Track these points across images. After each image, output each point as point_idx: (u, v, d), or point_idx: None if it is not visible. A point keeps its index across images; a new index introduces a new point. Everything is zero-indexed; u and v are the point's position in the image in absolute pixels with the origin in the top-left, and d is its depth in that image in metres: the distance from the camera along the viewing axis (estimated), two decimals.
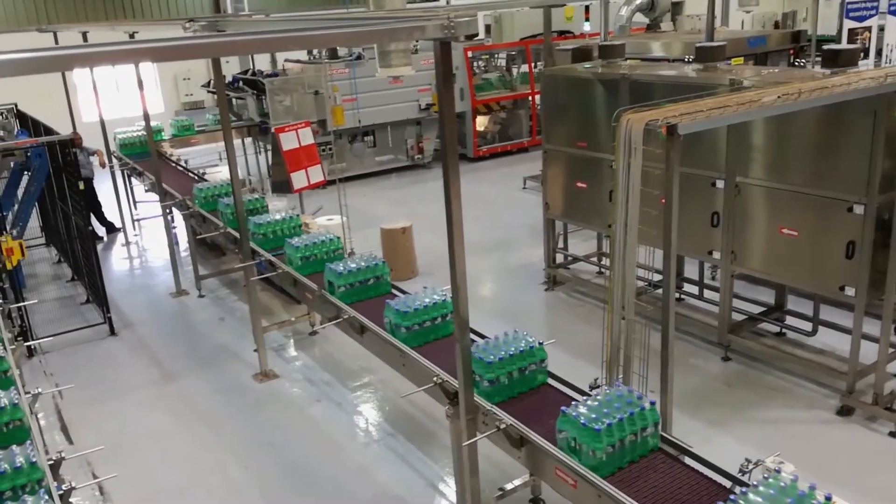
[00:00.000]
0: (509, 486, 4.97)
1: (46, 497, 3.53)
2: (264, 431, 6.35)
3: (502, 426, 4.14)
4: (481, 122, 15.85)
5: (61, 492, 3.74)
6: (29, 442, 3.87)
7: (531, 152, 15.57)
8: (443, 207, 3.91)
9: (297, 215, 7.55)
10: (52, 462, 3.97)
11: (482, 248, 9.92)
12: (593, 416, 3.75)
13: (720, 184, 6.54)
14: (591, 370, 5.23)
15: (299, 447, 6.11)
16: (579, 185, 7.93)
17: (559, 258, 8.98)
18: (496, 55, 16.58)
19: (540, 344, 4.59)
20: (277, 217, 7.40)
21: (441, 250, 10.00)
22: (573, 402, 3.97)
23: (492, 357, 4.39)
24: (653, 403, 3.92)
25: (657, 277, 6.77)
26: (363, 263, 6.02)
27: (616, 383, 4.22)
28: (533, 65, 15.81)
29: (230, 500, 5.51)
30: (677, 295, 7.67)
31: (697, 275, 7.80)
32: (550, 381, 4.67)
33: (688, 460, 3.90)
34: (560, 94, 8.12)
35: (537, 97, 15.56)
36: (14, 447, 3.86)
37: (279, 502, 5.47)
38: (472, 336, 5.06)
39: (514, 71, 16.34)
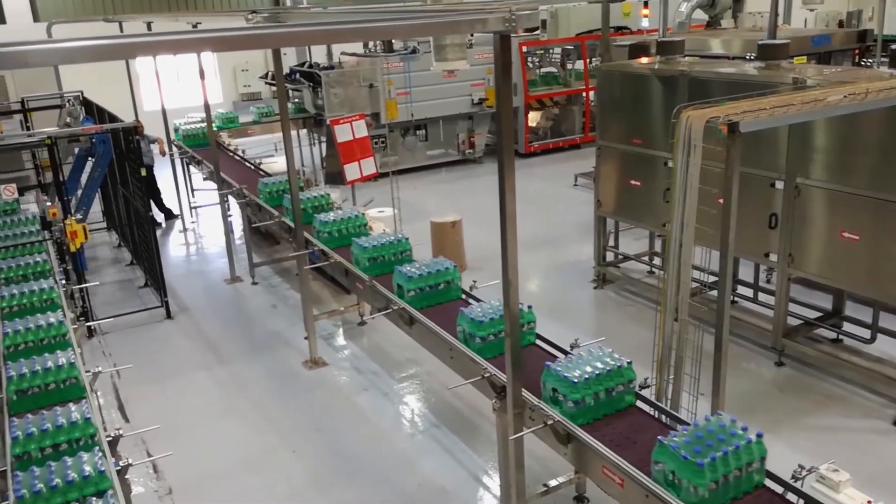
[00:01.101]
0: (553, 483, 4.97)
1: (103, 457, 3.63)
2: (313, 417, 6.46)
3: (550, 422, 4.14)
4: (533, 118, 15.77)
5: (118, 468, 3.87)
6: (98, 449, 3.94)
7: (583, 149, 15.43)
8: (492, 202, 3.91)
9: (363, 214, 7.48)
10: (110, 439, 4.11)
11: (531, 244, 9.88)
12: (695, 448, 3.44)
13: (779, 184, 6.40)
14: (640, 370, 5.18)
15: (346, 434, 6.20)
16: (633, 182, 7.84)
17: (609, 256, 8.89)
18: (551, 50, 16.46)
19: (628, 363, 4.30)
20: (343, 215, 7.32)
21: (490, 245, 10.01)
22: (671, 433, 3.68)
23: (577, 376, 4.12)
24: (759, 436, 3.60)
25: (711, 278, 6.67)
26: (434, 267, 5.83)
27: (718, 413, 3.87)
28: (588, 61, 15.65)
29: (279, 483, 5.62)
30: (731, 297, 7.52)
31: (752, 277, 7.65)
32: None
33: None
34: (616, 90, 8.04)
35: (591, 93, 15.42)
36: (71, 405, 4.10)
37: (326, 486, 5.56)
38: (549, 348, 5.01)
39: (569, 66, 16.20)
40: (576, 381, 4.10)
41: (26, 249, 6.92)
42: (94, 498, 3.46)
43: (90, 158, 9.80)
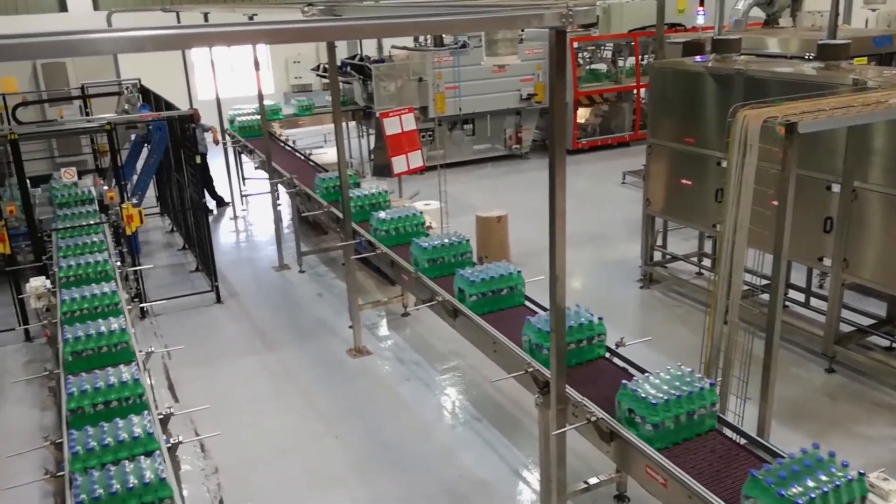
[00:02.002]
0: (593, 481, 4.96)
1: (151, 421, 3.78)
2: (356, 405, 6.56)
3: (593, 419, 4.13)
4: (582, 114, 15.64)
5: (169, 445, 4.00)
6: (147, 413, 4.17)
7: (632, 147, 15.27)
8: (538, 199, 3.91)
9: (421, 213, 7.33)
10: (161, 417, 4.25)
11: (577, 242, 9.83)
12: (793, 488, 3.21)
13: (836, 188, 6.25)
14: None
15: (388, 423, 6.28)
16: (684, 181, 7.74)
17: (657, 256, 8.80)
18: (603, 46, 16.30)
19: (711, 385, 4.08)
20: (400, 213, 7.20)
21: (534, 241, 10.03)
22: (764, 466, 3.43)
23: (657, 397, 3.89)
24: (862, 474, 3.39)
25: (763, 282, 6.55)
26: (497, 272, 5.66)
27: (814, 444, 3.59)
28: (640, 57, 15.46)
29: (321, 468, 5.73)
30: (783, 301, 7.38)
31: (804, 281, 7.49)
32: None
33: None
34: (669, 87, 7.94)
35: (643, 91, 15.24)
36: (122, 367, 4.37)
37: (367, 473, 5.65)
38: (621, 362, 4.79)
39: (620, 63, 16.02)
40: (655, 402, 3.86)
41: (84, 230, 7.19)
42: (143, 456, 3.69)
43: (146, 145, 10.07)
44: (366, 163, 14.45)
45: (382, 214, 7.17)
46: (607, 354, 4.90)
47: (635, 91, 15.52)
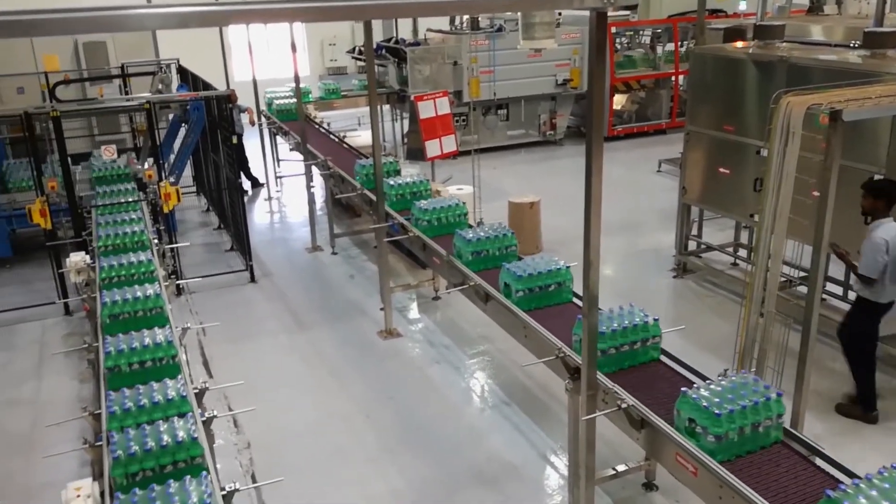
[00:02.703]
0: (622, 468, 4.96)
1: (192, 421, 3.87)
2: (386, 385, 6.61)
3: (623, 406, 4.12)
4: (618, 101, 15.47)
5: (204, 418, 4.08)
6: (180, 377, 4.33)
7: (669, 135, 15.06)
8: (571, 185, 3.88)
9: (463, 203, 7.17)
10: (196, 391, 4.34)
11: (610, 229, 9.68)
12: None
13: (879, 178, 6.10)
14: (716, 363, 5.09)
15: (417, 404, 6.32)
16: (722, 170, 7.63)
17: (691, 245, 8.70)
18: (641, 32, 16.07)
19: (778, 396, 3.87)
20: (443, 203, 7.07)
21: (566, 228, 9.98)
22: (839, 486, 3.24)
23: (721, 407, 3.69)
24: None
25: (799, 274, 6.45)
26: (545, 267, 5.51)
27: (880, 470, 3.34)
28: (679, 44, 15.22)
29: (351, 446, 5.79)
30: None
31: (843, 274, 7.35)
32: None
33: None
34: (709, 74, 7.81)
35: (681, 77, 15.01)
36: (157, 329, 4.56)
37: (397, 452, 5.70)
38: (677, 366, 4.61)
39: (659, 49, 15.78)
40: (719, 413, 3.67)
41: (123, 207, 7.33)
42: (177, 417, 3.83)
43: (184, 125, 10.19)
44: (399, 146, 14.47)
45: (424, 204, 7.05)
46: (662, 357, 4.70)
47: (673, 78, 15.29)
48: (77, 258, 5.99)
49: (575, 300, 5.52)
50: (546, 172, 13.24)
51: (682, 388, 3.89)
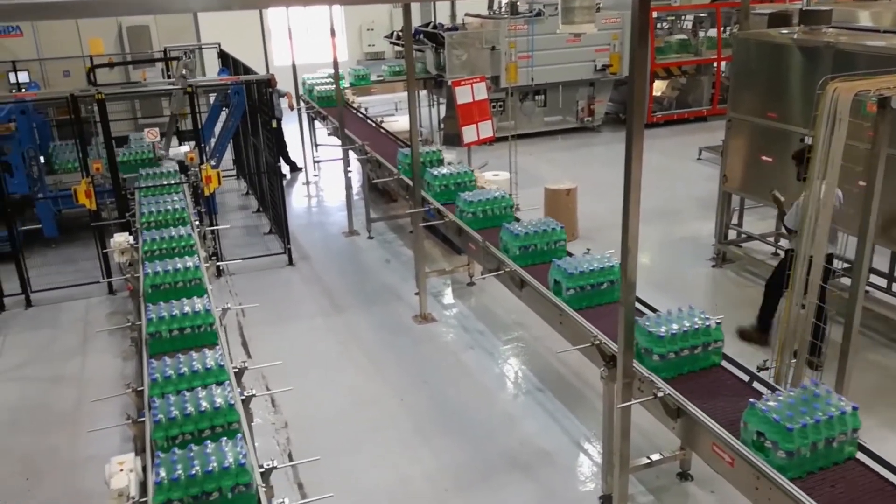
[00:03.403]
0: (656, 457, 4.94)
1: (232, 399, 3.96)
2: (420, 370, 6.66)
3: (659, 394, 4.10)
4: (658, 87, 15.25)
5: (243, 397, 4.17)
6: (218, 348, 4.52)
7: (710, 122, 14.82)
8: (609, 173, 3.86)
9: (509, 195, 7.04)
10: (236, 370, 4.42)
11: (648, 217, 9.52)
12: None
13: None
14: (757, 354, 5.03)
15: (451, 389, 6.36)
16: (764, 158, 7.49)
17: (731, 234, 8.58)
18: (683, 17, 15.79)
19: (854, 409, 3.64)
20: (489, 195, 6.90)
21: (603, 216, 9.91)
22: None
23: (794, 421, 3.48)
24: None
25: (842, 265, 6.33)
26: (597, 264, 5.27)
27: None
28: (722, 29, 14.92)
29: (385, 428, 5.86)
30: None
31: (888, 266, 7.19)
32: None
33: None
34: (753, 60, 7.65)
35: (723, 63, 14.73)
36: (195, 298, 4.80)
37: (430, 435, 5.75)
38: (740, 373, 4.36)
39: (701, 34, 15.50)
40: (791, 427, 3.44)
41: (165, 189, 7.47)
42: (215, 385, 3.98)
43: (224, 109, 10.32)
44: (436, 132, 14.46)
45: (469, 196, 6.89)
46: (723, 363, 4.46)
47: (715, 64, 15.02)
48: (121, 238, 6.14)
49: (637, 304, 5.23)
50: (583, 159, 13.13)
51: (751, 400, 3.65)
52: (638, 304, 5.07)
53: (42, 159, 9.54)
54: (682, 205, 10.39)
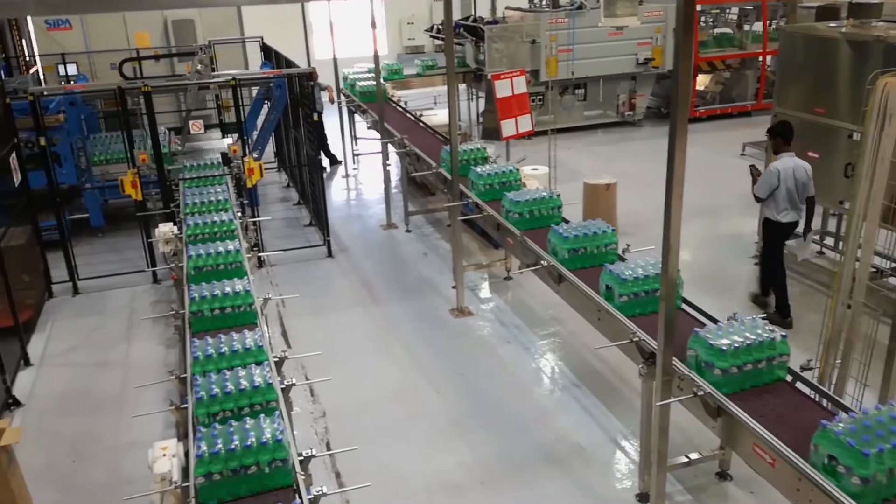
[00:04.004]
0: (695, 456, 4.89)
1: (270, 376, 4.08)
2: (456, 363, 6.68)
3: (700, 392, 4.05)
4: (702, 81, 15.03)
5: (283, 386, 4.23)
6: (257, 328, 4.70)
7: (754, 117, 14.55)
8: (650, 168, 3.82)
9: (558, 195, 6.72)
10: (276, 360, 4.49)
11: (689, 213, 9.29)
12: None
13: None
14: (800, 354, 4.94)
15: (487, 382, 6.37)
16: (811, 154, 7.32)
17: None
18: (727, 10, 15.51)
19: None
20: (536, 195, 6.64)
21: (642, 212, 9.80)
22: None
23: (870, 445, 3.26)
24: None
25: (890, 264, 6.19)
26: (652, 270, 5.00)
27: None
28: (768, 22, 14.62)
29: (421, 419, 5.90)
30: None
31: None
32: None
33: None
34: (800, 54, 7.49)
35: (769, 58, 14.44)
36: (236, 280, 4.99)
37: (466, 428, 5.77)
38: (816, 394, 4.11)
39: (746, 28, 15.21)
40: (867, 452, 3.20)
41: (209, 181, 7.60)
42: (254, 365, 4.14)
43: (266, 102, 10.45)
44: (474, 125, 14.45)
45: (515, 195, 6.66)
46: (789, 378, 4.22)
47: (761, 58, 14.72)
48: (165, 228, 6.28)
49: (685, 307, 4.98)
50: (623, 154, 12.99)
51: (822, 421, 3.44)
52: (692, 310, 4.96)
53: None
54: (724, 201, 10.23)
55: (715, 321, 4.51)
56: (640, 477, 4.93)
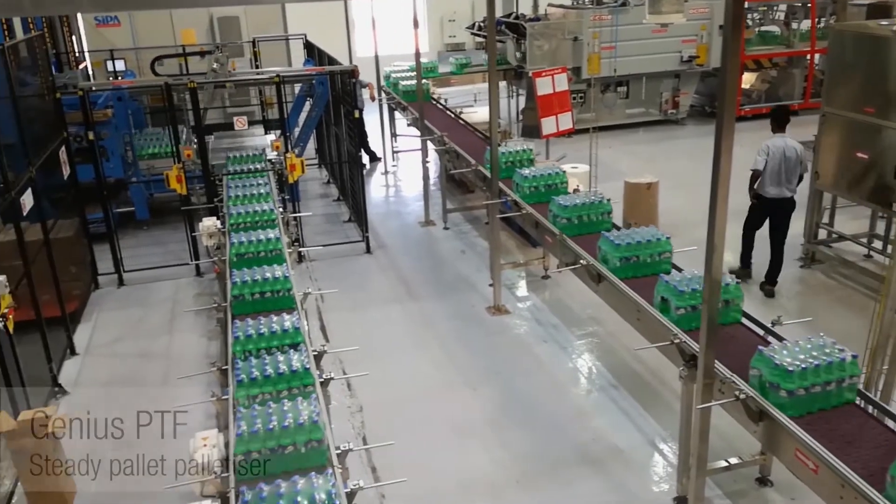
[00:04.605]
0: (735, 461, 4.81)
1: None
2: (493, 360, 6.68)
3: (742, 396, 3.98)
4: (747, 79, 14.74)
5: (322, 380, 4.28)
6: (295, 312, 4.79)
7: (801, 116, 14.16)
8: (693, 167, 3.76)
9: (608, 200, 6.51)
10: (315, 354, 4.54)
11: (732, 213, 9.19)
12: None
13: None
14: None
15: (523, 381, 6.35)
16: (860, 155, 7.16)
17: (822, 234, 8.23)
18: (775, 7, 15.19)
19: None
20: (584, 199, 6.43)
21: (684, 211, 9.66)
22: None
23: None
24: None
25: None
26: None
27: None
28: (817, 20, 14.28)
29: (458, 416, 5.91)
30: None
31: None
32: None
33: None
34: (849, 53, 7.31)
35: (817, 56, 14.11)
36: (284, 314, 4.88)
37: (502, 426, 5.77)
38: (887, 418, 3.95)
39: (794, 26, 14.88)
40: None
41: (252, 176, 7.71)
42: (291, 349, 4.35)
43: (308, 99, 10.55)
44: (514, 123, 14.40)
45: (563, 200, 6.42)
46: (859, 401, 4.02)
47: (809, 56, 14.39)
48: (209, 223, 6.39)
49: (745, 321, 4.80)
50: (665, 153, 12.81)
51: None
52: (753, 325, 4.77)
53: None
54: None
55: (780, 338, 4.36)
56: (678, 480, 4.86)
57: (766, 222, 7.61)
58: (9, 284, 5.29)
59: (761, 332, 4.68)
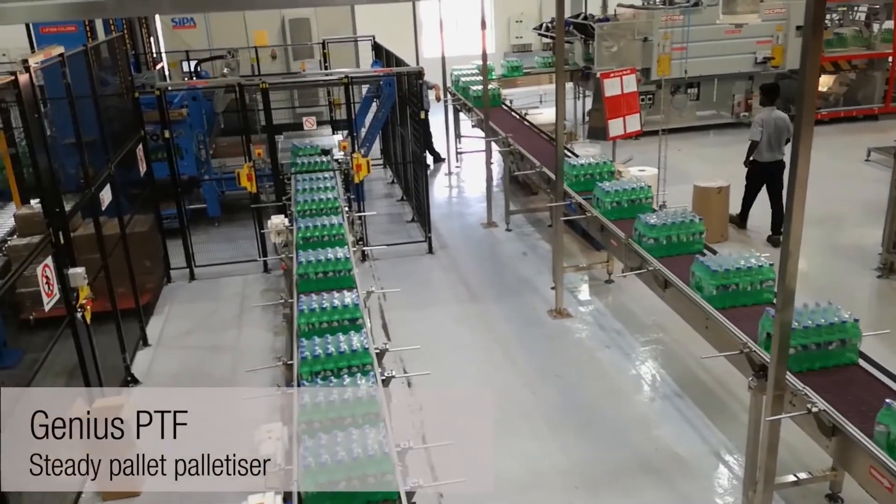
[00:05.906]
0: (804, 476, 4.64)
1: (373, 379, 4.14)
2: (553, 364, 6.62)
3: (814, 409, 3.84)
4: (824, 82, 14.19)
5: (384, 377, 4.32)
6: (355, 291, 5.09)
7: (881, 121, 13.66)
8: None
9: (700, 220, 6.07)
10: (377, 351, 4.59)
11: (809, 220, 8.85)
12: None
13: None
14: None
15: (584, 386, 6.28)
16: None
17: None
18: (856, 8, 14.61)
19: None
20: (674, 220, 5.98)
21: (755, 217, 9.37)
22: None
23: None
24: None
25: None
26: (828, 318, 4.34)
27: None
28: None
29: (517, 420, 5.87)
30: None
31: None
32: None
33: None
34: None
35: None
36: (352, 333, 4.79)
37: (562, 432, 5.71)
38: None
39: (876, 27, 14.28)
40: None
41: (319, 173, 7.84)
42: (353, 331, 4.53)
43: (375, 100, 10.67)
44: (580, 125, 14.24)
45: (651, 219, 5.99)
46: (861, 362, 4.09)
47: (891, 58, 13.78)
48: (278, 220, 6.52)
49: (861, 362, 4.39)
50: (736, 157, 12.38)
51: (887, 400, 3.42)
52: (875, 371, 4.36)
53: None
54: (846, 209, 9.66)
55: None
56: (743, 493, 4.72)
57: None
58: (87, 276, 5.51)
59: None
